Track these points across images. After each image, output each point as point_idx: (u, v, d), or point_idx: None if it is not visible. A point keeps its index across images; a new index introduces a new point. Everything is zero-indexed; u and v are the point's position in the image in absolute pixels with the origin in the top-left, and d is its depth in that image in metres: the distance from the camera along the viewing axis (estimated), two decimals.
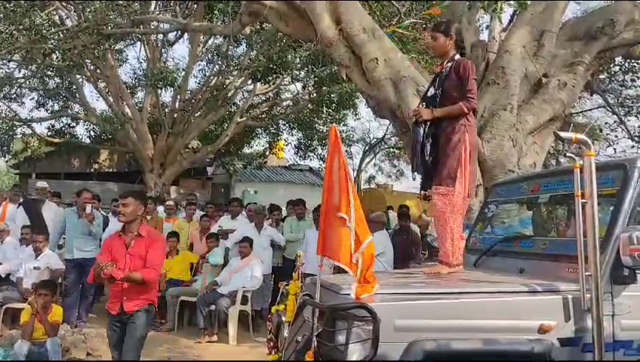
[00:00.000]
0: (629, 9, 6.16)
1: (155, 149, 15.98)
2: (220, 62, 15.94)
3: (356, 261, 3.03)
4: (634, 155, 5.82)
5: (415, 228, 9.11)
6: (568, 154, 3.12)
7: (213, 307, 7.20)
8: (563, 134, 3.05)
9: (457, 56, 3.89)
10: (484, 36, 8.28)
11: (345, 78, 7.19)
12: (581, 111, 12.81)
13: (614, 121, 12.14)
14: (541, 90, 6.28)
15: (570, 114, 7.53)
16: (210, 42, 16.71)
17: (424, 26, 8.88)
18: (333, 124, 3.93)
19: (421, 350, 2.79)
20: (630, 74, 10.92)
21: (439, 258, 3.90)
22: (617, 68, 10.92)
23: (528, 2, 5.37)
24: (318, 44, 6.20)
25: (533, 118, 6.19)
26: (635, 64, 10.47)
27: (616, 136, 12.57)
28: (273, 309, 3.87)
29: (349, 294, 3.01)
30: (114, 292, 4.50)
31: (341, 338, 2.87)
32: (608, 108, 10.77)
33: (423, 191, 4.03)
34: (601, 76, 10.53)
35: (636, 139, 11.47)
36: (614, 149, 12.96)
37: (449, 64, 3.88)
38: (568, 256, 3.26)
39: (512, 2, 4.82)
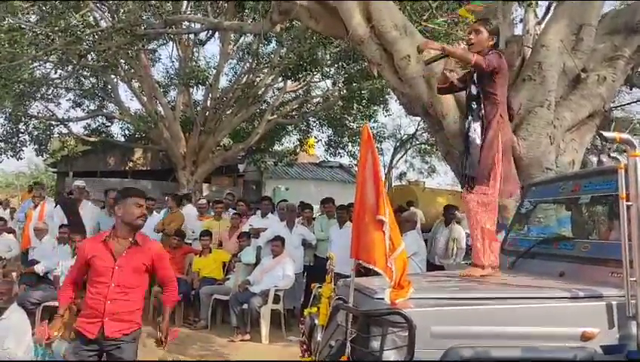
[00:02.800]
0: None
1: (187, 147, 16.13)
2: (250, 60, 15.98)
3: (390, 265, 2.99)
4: None
5: (460, 229, 8.95)
6: (612, 154, 3.00)
7: (245, 306, 7.23)
8: (607, 134, 2.93)
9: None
10: (518, 30, 8.10)
11: (376, 75, 7.12)
12: (619, 106, 12.42)
13: None
14: (579, 86, 6.07)
15: (610, 109, 7.30)
16: (240, 40, 16.78)
17: (456, 21, 8.73)
18: (366, 123, 3.90)
19: (459, 357, 2.73)
20: None
21: (472, 260, 3.81)
22: None
23: None
24: (349, 42, 6.13)
25: (571, 115, 6.00)
26: None
27: None
28: (306, 312, 3.84)
29: (383, 299, 2.97)
30: (91, 308, 3.58)
31: (376, 344, 2.83)
32: None
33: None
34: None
35: None
36: None
37: None
38: (611, 260, 3.16)
39: None
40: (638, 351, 2.72)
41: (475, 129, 3.74)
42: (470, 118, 3.81)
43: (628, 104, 12.53)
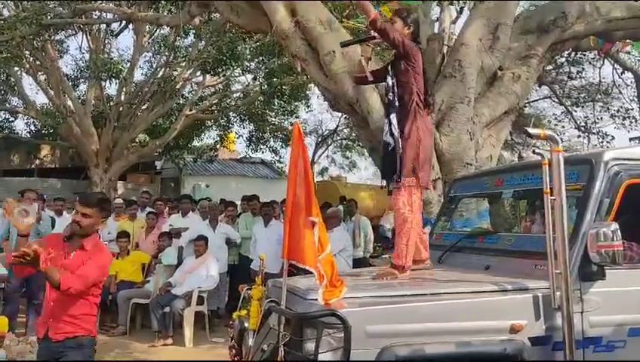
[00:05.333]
0: (580, 2, 6.25)
1: (100, 144, 15.42)
2: (167, 54, 15.45)
3: (319, 266, 2.94)
4: (598, 150, 5.93)
5: (365, 220, 9.06)
6: (537, 151, 3.09)
7: (167, 309, 6.94)
8: (532, 130, 3.01)
9: None
10: (435, 29, 8.31)
11: (300, 70, 7.04)
12: (528, 102, 13.10)
13: (562, 112, 12.49)
14: (496, 83, 6.31)
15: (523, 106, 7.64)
16: (156, 32, 16.18)
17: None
18: (297, 121, 3.81)
19: (394, 356, 2.71)
20: (577, 65, 11.21)
21: (391, 260, 3.78)
22: (563, 60, 11.18)
23: None
24: (272, 37, 6.00)
25: (489, 111, 6.22)
26: (581, 56, 10.76)
27: (563, 127, 12.94)
28: (235, 315, 3.70)
29: (316, 299, 2.90)
30: (44, 307, 3.57)
31: (310, 346, 2.76)
32: (555, 99, 11.04)
33: (387, 184, 3.87)
34: (548, 67, 10.77)
35: (582, 129, 11.84)
36: (561, 139, 13.32)
37: None
38: (535, 253, 3.25)
39: None
40: (563, 342, 2.80)
41: (392, 121, 3.72)
42: (389, 110, 3.79)
43: (536, 101, 13.26)
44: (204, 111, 17.31)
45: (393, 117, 3.77)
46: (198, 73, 15.73)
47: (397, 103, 3.77)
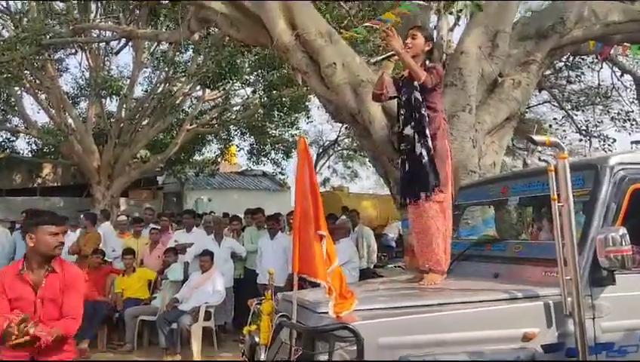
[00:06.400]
0: (577, 7, 6.28)
1: (101, 161, 15.42)
2: (166, 69, 15.51)
3: (328, 279, 2.94)
4: (604, 154, 5.94)
5: (368, 230, 9.04)
6: (543, 157, 3.10)
7: (174, 325, 6.93)
8: (536, 138, 3.02)
9: (428, 62, 3.83)
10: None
11: (301, 83, 7.07)
12: (529, 107, 13.13)
13: (562, 117, 12.52)
14: (497, 90, 6.33)
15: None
16: (154, 48, 16.25)
17: (375, 28, 8.87)
18: (302, 135, 3.80)
19: None
20: (575, 70, 11.24)
21: (428, 266, 3.78)
22: (562, 64, 11.22)
23: (482, 3, 5.37)
24: (272, 50, 6.04)
25: (491, 118, 6.23)
26: (580, 60, 10.80)
27: (564, 131, 12.97)
28: (245, 330, 3.68)
29: (326, 312, 2.90)
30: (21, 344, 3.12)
31: (323, 360, 2.75)
32: (556, 103, 11.06)
33: (406, 198, 3.90)
34: (547, 72, 10.82)
35: (583, 132, 11.86)
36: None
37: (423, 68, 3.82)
38: (544, 260, 3.24)
39: (467, 3, 4.79)
40: (576, 348, 2.80)
41: (423, 136, 3.74)
42: (411, 125, 3.80)
43: (536, 105, 13.28)
44: (205, 126, 17.35)
45: (424, 132, 3.77)
46: (198, 88, 15.78)
47: (427, 119, 3.79)
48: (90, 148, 15.28)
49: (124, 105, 15.86)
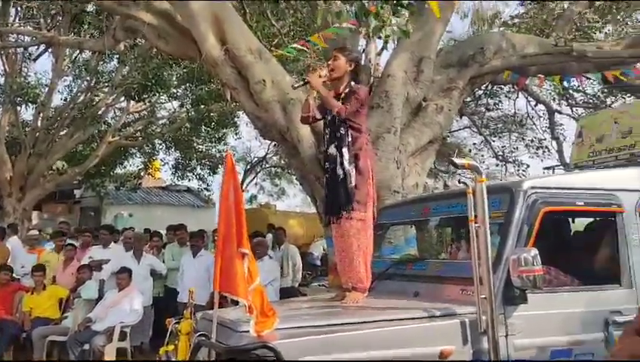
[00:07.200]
0: (497, 38, 6.64)
1: (13, 171, 14.53)
2: (88, 78, 14.93)
3: (249, 297, 2.90)
4: (518, 179, 6.22)
5: (294, 248, 9.01)
6: (463, 180, 3.21)
7: (86, 346, 6.56)
8: (457, 160, 3.13)
9: (353, 83, 3.89)
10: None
11: (229, 98, 7.00)
12: (450, 132, 13.67)
13: (481, 142, 13.14)
14: (421, 114, 6.54)
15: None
16: (77, 56, 15.61)
17: (306, 48, 8.97)
18: (229, 151, 3.74)
19: None
20: (494, 98, 11.86)
21: (351, 284, 3.78)
22: (481, 92, 11.80)
23: (409, 29, 5.53)
24: (202, 64, 5.95)
25: (415, 140, 6.42)
26: (498, 89, 11.40)
27: (482, 155, 13.60)
28: (162, 351, 3.56)
29: (247, 331, 2.84)
30: None
31: None
32: (475, 129, 11.60)
33: (329, 216, 3.90)
34: (467, 99, 11.32)
35: (500, 157, 12.48)
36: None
37: (346, 90, 3.88)
38: (462, 279, 3.33)
39: (395, 29, 4.93)
40: None
41: (344, 155, 3.77)
42: (334, 145, 3.83)
43: (457, 130, 13.86)
44: (128, 138, 16.78)
45: (345, 151, 3.80)
46: (122, 99, 15.27)
47: (349, 138, 3.82)
48: (2, 157, 14.36)
49: (41, 114, 15.07)
